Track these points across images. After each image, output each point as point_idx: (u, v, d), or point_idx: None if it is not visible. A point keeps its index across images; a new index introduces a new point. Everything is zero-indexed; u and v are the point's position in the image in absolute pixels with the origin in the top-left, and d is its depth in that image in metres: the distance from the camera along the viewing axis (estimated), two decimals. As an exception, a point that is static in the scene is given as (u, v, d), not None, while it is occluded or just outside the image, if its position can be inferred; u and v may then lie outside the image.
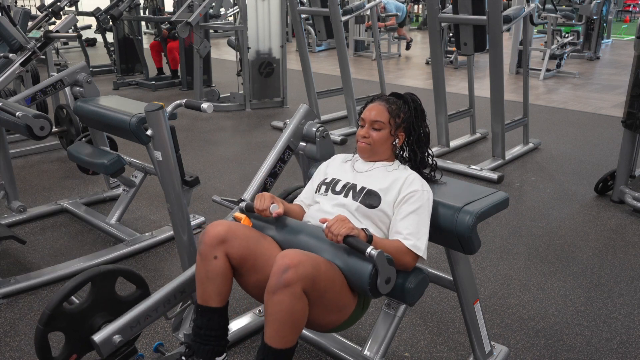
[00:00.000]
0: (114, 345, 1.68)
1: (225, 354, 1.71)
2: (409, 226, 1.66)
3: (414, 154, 1.87)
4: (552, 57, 8.13)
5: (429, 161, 1.90)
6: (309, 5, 5.74)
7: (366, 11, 6.69)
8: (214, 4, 6.11)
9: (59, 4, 5.58)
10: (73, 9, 7.29)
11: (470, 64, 4.83)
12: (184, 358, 1.70)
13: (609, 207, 3.57)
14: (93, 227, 3.16)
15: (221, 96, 6.42)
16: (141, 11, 8.27)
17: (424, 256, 1.66)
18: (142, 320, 1.75)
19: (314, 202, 1.87)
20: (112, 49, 7.59)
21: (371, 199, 1.73)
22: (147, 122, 2.02)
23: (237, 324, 2.20)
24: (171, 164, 2.06)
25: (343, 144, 4.88)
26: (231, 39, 6.49)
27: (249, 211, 1.78)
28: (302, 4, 6.34)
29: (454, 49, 8.55)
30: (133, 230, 3.04)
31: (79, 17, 4.85)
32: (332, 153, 2.09)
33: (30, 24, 5.01)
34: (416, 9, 16.18)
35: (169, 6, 9.27)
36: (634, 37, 3.56)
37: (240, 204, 1.82)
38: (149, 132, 2.02)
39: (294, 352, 1.53)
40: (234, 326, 2.18)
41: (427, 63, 9.21)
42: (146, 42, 8.41)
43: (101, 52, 8.92)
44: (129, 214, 3.27)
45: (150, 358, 2.00)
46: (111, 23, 7.19)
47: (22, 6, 5.91)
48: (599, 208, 3.55)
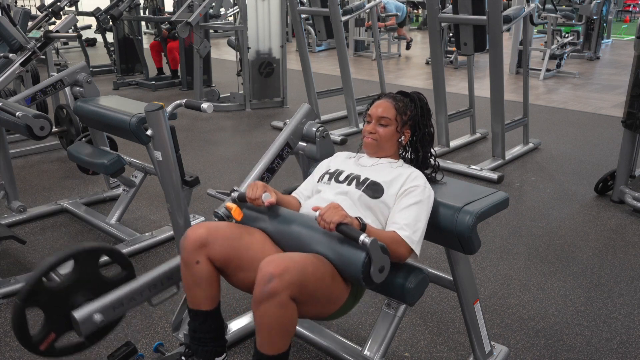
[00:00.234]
0: (94, 324, 1.62)
1: (225, 354, 1.71)
2: (407, 217, 1.65)
3: (417, 153, 1.87)
4: (552, 57, 8.12)
5: (432, 162, 1.90)
6: (309, 5, 5.74)
7: (366, 11, 6.69)
8: (214, 4, 6.11)
9: (59, 4, 5.59)
10: (73, 9, 7.28)
11: (470, 64, 4.83)
12: (183, 358, 1.70)
13: (609, 207, 3.57)
14: (93, 227, 3.16)
15: (221, 96, 6.41)
16: (141, 11, 8.26)
17: (417, 250, 1.63)
18: (125, 302, 1.68)
19: (315, 192, 1.84)
20: (112, 49, 7.59)
21: (374, 190, 1.72)
22: (147, 122, 2.02)
23: (237, 324, 2.20)
24: (171, 164, 2.06)
25: (343, 144, 4.87)
26: (231, 39, 6.49)
27: (241, 201, 1.74)
28: (302, 4, 6.34)
29: (454, 49, 8.55)
30: (133, 230, 3.04)
31: (79, 17, 4.85)
32: (332, 153, 2.08)
33: (30, 24, 5.03)
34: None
35: (169, 6, 9.27)
36: (634, 37, 3.56)
37: (233, 193, 1.78)
38: (149, 132, 2.02)
39: (288, 354, 1.51)
40: (234, 326, 2.18)
41: (427, 63, 9.21)
42: (146, 42, 8.41)
43: (101, 52, 8.91)
44: (129, 214, 3.27)
45: (150, 358, 1.99)
46: (111, 23, 7.19)
47: (22, 6, 5.91)
48: (599, 208, 3.55)
